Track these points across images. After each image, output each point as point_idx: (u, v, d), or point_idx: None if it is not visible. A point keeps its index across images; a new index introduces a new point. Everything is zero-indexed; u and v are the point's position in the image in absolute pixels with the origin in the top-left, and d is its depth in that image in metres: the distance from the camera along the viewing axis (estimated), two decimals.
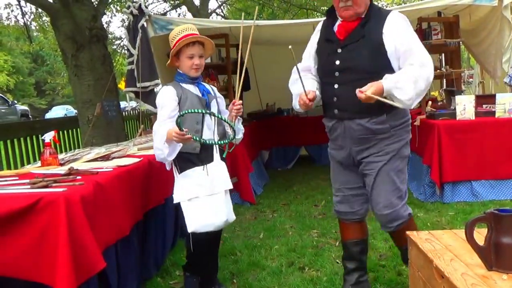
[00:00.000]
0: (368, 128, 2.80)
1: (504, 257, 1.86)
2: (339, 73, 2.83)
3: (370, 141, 2.85)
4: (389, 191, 2.85)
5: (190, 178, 2.97)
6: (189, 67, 3.08)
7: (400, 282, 3.26)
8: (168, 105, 2.97)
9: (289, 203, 5.82)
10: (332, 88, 2.86)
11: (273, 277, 3.55)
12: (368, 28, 2.78)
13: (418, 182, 5.78)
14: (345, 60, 2.81)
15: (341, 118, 2.87)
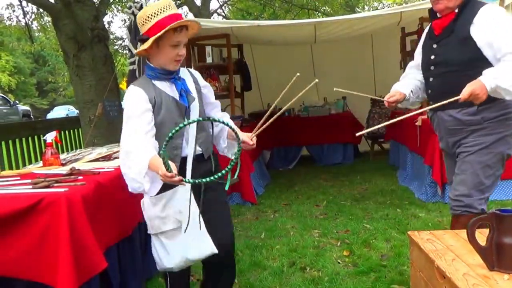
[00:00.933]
0: (459, 119, 2.85)
1: (506, 257, 1.86)
2: (433, 67, 2.95)
3: (462, 132, 2.87)
4: (469, 182, 2.83)
5: (159, 206, 2.37)
6: (171, 59, 2.41)
7: (401, 282, 3.25)
8: (140, 115, 2.32)
9: (291, 203, 5.82)
10: (428, 82, 3.00)
11: (274, 277, 3.55)
12: (459, 22, 2.82)
13: (420, 182, 5.78)
14: (438, 54, 2.91)
15: (435, 109, 2.93)
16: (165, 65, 2.43)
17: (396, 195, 5.81)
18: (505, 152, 2.85)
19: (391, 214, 4.99)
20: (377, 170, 7.45)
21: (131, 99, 2.37)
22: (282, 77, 8.81)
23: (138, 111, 2.32)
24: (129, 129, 2.31)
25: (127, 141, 2.31)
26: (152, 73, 2.45)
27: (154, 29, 2.33)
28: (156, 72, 2.45)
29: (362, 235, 4.33)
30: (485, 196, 2.87)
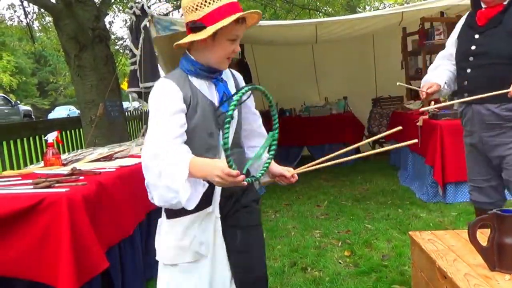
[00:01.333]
0: (497, 114, 2.81)
1: (507, 257, 1.86)
2: (473, 57, 2.88)
3: (500, 128, 2.84)
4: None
5: (179, 233, 1.96)
6: (225, 55, 2.00)
7: (402, 282, 3.26)
8: (173, 115, 1.87)
9: (292, 203, 5.83)
10: (465, 72, 2.93)
11: (275, 277, 3.55)
12: (508, 14, 2.78)
13: (421, 182, 5.79)
14: (481, 45, 2.85)
15: (471, 102, 2.88)
16: (215, 62, 2.00)
17: (397, 195, 5.81)
18: None
19: (392, 214, 5.00)
20: (378, 170, 7.46)
21: (163, 94, 1.91)
22: (283, 77, 8.89)
23: (171, 110, 1.86)
24: (157, 131, 1.84)
25: (155, 144, 1.82)
26: (191, 67, 1.99)
27: (213, 16, 1.90)
28: (197, 68, 2.00)
29: (363, 235, 4.34)
30: None
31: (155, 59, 5.64)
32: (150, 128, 1.88)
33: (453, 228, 4.17)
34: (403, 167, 6.86)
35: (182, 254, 1.96)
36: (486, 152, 2.93)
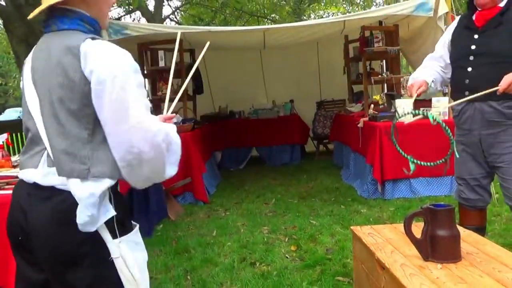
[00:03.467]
0: (500, 111, 2.79)
1: (439, 248, 1.93)
2: (473, 57, 2.85)
3: (500, 125, 2.81)
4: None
5: (139, 246, 1.54)
6: (108, 8, 1.61)
7: (345, 274, 3.29)
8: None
9: (241, 201, 5.81)
10: (465, 71, 2.89)
11: (225, 272, 3.53)
12: (508, 16, 2.78)
13: (362, 180, 5.89)
14: (481, 45, 2.83)
15: (472, 100, 2.85)
16: (102, 18, 1.57)
17: (340, 193, 5.89)
18: None
19: (335, 211, 5.05)
20: (322, 169, 7.54)
21: (126, 56, 1.43)
22: (233, 81, 8.88)
23: (141, 78, 1.46)
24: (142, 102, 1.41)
25: (151, 119, 1.43)
26: (91, 28, 1.51)
27: None
28: (96, 27, 1.53)
29: (309, 231, 4.36)
30: None
31: None
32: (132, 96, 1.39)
33: (391, 222, 4.26)
34: (346, 166, 6.94)
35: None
36: (484, 149, 2.92)
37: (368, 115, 6.01)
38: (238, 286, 3.27)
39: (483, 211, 3.11)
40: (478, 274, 1.79)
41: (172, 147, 1.48)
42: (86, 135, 1.40)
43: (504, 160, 2.82)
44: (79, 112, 1.39)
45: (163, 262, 3.82)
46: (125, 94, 1.36)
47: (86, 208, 1.35)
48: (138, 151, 1.37)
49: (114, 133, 1.38)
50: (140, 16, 14.93)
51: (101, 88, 1.35)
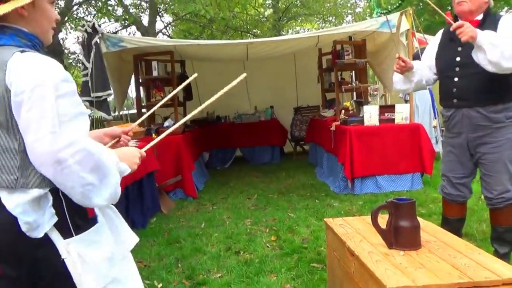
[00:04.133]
0: (486, 115, 2.77)
1: (402, 237, 1.95)
2: (459, 68, 2.83)
3: (486, 129, 2.80)
4: (506, 179, 2.82)
5: (97, 244, 1.40)
6: (51, 22, 1.44)
7: (319, 260, 3.31)
8: (78, 97, 1.33)
9: (227, 197, 5.80)
10: (452, 81, 2.87)
11: (212, 260, 3.52)
12: (485, 27, 2.74)
13: (334, 177, 5.91)
14: (465, 56, 2.79)
15: (460, 106, 2.84)
16: (43, 33, 1.42)
17: (315, 189, 5.91)
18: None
19: (310, 205, 5.07)
20: (299, 168, 7.56)
21: (52, 66, 1.28)
22: (219, 89, 8.82)
23: (73, 87, 1.30)
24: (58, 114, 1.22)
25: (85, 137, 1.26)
26: (29, 42, 1.37)
27: None
28: (35, 41, 1.39)
29: (287, 223, 4.36)
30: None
31: (105, 71, 5.47)
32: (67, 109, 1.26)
33: (359, 214, 4.29)
34: (319, 164, 6.97)
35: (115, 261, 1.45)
36: (471, 150, 2.92)
37: (339, 120, 6.05)
38: (224, 273, 3.26)
39: (464, 204, 3.13)
40: (435, 260, 1.81)
41: (98, 169, 1.26)
42: (16, 146, 1.27)
43: (488, 158, 2.86)
44: (7, 124, 1.26)
45: (156, 251, 3.79)
46: (41, 105, 1.21)
47: (19, 217, 1.26)
48: (39, 164, 1.23)
49: (27, 142, 1.24)
50: (135, 30, 14.80)
51: (19, 99, 1.23)
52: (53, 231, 1.31)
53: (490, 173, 2.87)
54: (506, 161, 2.83)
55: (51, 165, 1.20)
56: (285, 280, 3.06)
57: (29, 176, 1.27)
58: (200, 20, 14.11)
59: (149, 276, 3.27)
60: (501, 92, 2.74)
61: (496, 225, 2.98)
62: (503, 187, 2.84)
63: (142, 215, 4.60)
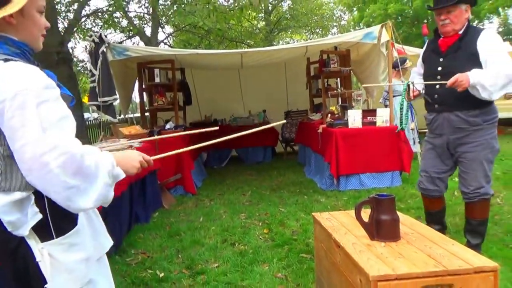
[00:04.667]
0: (464, 119, 2.82)
1: (382, 230, 1.95)
2: (440, 76, 2.87)
3: (465, 131, 2.84)
4: (481, 176, 2.86)
5: (75, 247, 1.31)
6: (40, 30, 1.37)
7: (308, 251, 3.32)
8: (62, 101, 1.25)
9: (223, 193, 5.79)
10: (434, 88, 2.92)
11: (210, 251, 3.51)
12: (465, 42, 2.81)
13: (321, 175, 5.92)
14: (445, 66, 2.86)
15: (441, 111, 2.89)
16: (33, 41, 1.35)
17: (304, 186, 5.91)
18: (497, 147, 2.92)
19: (300, 200, 5.07)
20: (289, 167, 7.56)
21: (32, 74, 1.21)
22: (216, 94, 8.87)
23: (56, 93, 1.23)
24: (62, 120, 1.20)
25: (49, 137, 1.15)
26: (18, 50, 1.29)
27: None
28: (25, 49, 1.32)
29: (278, 217, 4.37)
30: (490, 183, 2.93)
31: (111, 78, 5.45)
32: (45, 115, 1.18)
33: (344, 209, 4.28)
34: (308, 163, 6.97)
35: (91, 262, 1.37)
36: (451, 149, 2.96)
37: (326, 123, 6.06)
38: (221, 263, 3.26)
39: (441, 198, 3.17)
40: (413, 251, 1.82)
41: (82, 173, 1.18)
42: (1, 151, 1.20)
43: (466, 157, 2.90)
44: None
45: (158, 243, 3.78)
46: (22, 112, 1.14)
47: (1, 217, 1.21)
48: (27, 168, 1.15)
49: (13, 149, 1.17)
50: (139, 40, 14.74)
51: (0, 107, 1.16)
52: (31, 235, 1.25)
53: (467, 170, 2.91)
54: (482, 160, 2.87)
55: (36, 169, 1.14)
56: (276, 269, 3.06)
57: (12, 180, 1.21)
58: (199, 31, 14.07)
59: (151, 266, 3.26)
60: (478, 99, 2.77)
61: (470, 218, 3.02)
62: (478, 183, 2.88)
63: (145, 210, 4.58)
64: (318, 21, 19.10)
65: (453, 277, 1.61)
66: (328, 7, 22.66)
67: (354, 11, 24.07)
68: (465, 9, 2.86)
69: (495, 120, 2.91)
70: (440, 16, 2.88)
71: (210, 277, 2.99)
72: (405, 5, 21.13)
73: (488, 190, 2.92)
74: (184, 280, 2.99)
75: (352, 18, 24.17)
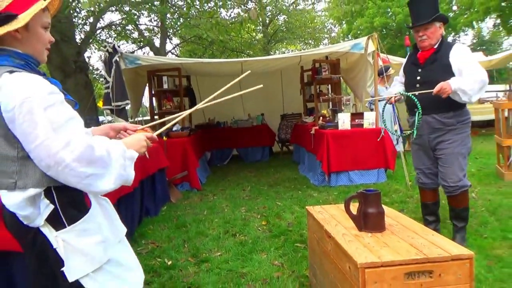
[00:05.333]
0: (440, 120, 2.91)
1: (369, 222, 1.96)
2: (419, 85, 2.95)
3: (442, 131, 2.92)
4: (458, 170, 2.92)
5: (88, 231, 1.31)
6: (45, 44, 1.36)
7: (302, 241, 3.32)
8: (67, 105, 1.26)
9: (225, 188, 5.79)
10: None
11: (213, 241, 3.51)
12: (440, 55, 2.90)
13: (314, 172, 5.92)
14: (423, 76, 2.95)
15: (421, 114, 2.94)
16: (37, 54, 1.34)
17: (298, 182, 5.91)
18: (470, 144, 2.99)
19: (294, 195, 5.07)
20: (285, 165, 7.56)
21: (36, 82, 1.21)
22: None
23: (60, 97, 1.24)
24: (70, 122, 1.21)
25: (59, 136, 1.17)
26: (22, 61, 1.28)
27: (20, 4, 1.27)
28: (30, 60, 1.31)
29: (275, 210, 4.37)
30: (466, 176, 2.98)
31: (124, 84, 5.44)
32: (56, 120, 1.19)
33: (335, 203, 4.29)
34: (302, 162, 6.98)
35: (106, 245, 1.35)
36: (431, 148, 3.03)
37: (318, 125, 6.07)
38: (223, 252, 3.25)
39: (436, 191, 3.21)
40: (397, 240, 1.82)
41: (97, 160, 1.21)
42: (16, 153, 1.22)
43: (444, 153, 2.97)
44: (6, 135, 1.21)
45: (166, 234, 3.77)
46: (32, 117, 1.15)
47: (16, 212, 1.26)
48: (45, 165, 1.18)
49: (29, 150, 1.20)
50: (149, 51, 14.71)
51: (10, 115, 1.17)
52: (45, 225, 1.27)
53: (445, 165, 2.97)
54: (458, 155, 2.94)
55: (54, 166, 1.17)
56: (273, 257, 3.06)
57: (27, 179, 1.23)
58: (203, 42, 14.06)
59: (160, 254, 3.26)
60: (451, 102, 2.86)
61: (453, 207, 3.08)
62: (456, 176, 2.94)
63: (155, 204, 4.57)
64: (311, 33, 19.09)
65: (432, 264, 1.62)
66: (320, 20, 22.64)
67: (343, 24, 24.09)
68: (439, 26, 2.96)
69: (468, 121, 2.99)
70: (418, 33, 2.98)
71: (213, 265, 2.99)
72: (389, 19, 21.14)
73: (465, 182, 2.98)
74: (190, 267, 2.99)
75: (342, 30, 24.18)
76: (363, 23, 20.93)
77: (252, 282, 2.66)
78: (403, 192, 4.79)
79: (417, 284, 1.61)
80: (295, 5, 16.87)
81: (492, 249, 2.92)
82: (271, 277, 2.70)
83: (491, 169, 5.61)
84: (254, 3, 12.21)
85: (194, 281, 2.75)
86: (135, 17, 9.41)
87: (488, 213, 3.75)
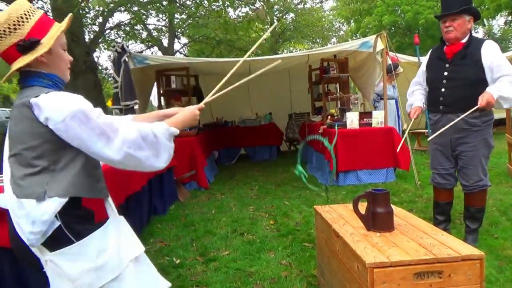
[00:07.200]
0: (467, 121, 2.81)
1: (378, 221, 1.94)
2: (446, 80, 2.88)
3: (467, 131, 2.86)
4: (480, 171, 2.89)
5: (81, 256, 1.33)
6: (67, 63, 1.45)
7: (310, 241, 3.31)
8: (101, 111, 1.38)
9: (233, 187, 5.79)
10: (439, 91, 2.92)
11: (221, 240, 3.52)
12: (470, 50, 2.81)
13: (322, 172, 5.88)
14: (451, 71, 2.86)
15: (445, 112, 2.89)
16: (61, 73, 1.44)
17: (306, 181, 5.87)
18: (492, 145, 2.94)
19: (302, 194, 5.06)
20: (293, 164, 7.46)
21: (77, 98, 1.32)
22: (227, 98, 8.78)
23: (100, 110, 1.36)
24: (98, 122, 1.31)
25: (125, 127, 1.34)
26: (50, 81, 1.39)
27: (40, 29, 1.35)
28: (56, 80, 1.41)
29: (283, 209, 4.36)
30: (487, 176, 2.96)
31: (132, 84, 5.48)
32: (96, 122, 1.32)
33: (343, 202, 4.26)
34: (310, 161, 6.94)
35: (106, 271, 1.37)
36: (453, 148, 2.97)
37: (326, 124, 6.05)
38: (231, 251, 3.26)
39: (451, 191, 3.16)
40: (406, 240, 1.81)
41: (150, 144, 1.36)
42: (47, 165, 1.31)
43: (467, 155, 2.92)
44: (38, 148, 1.30)
45: (174, 233, 3.79)
46: (87, 126, 1.29)
47: (37, 225, 1.29)
48: (112, 161, 1.33)
49: (91, 153, 1.32)
50: (157, 50, 14.80)
51: (61, 126, 1.27)
52: (37, 247, 1.34)
53: (468, 166, 2.93)
54: (481, 157, 2.90)
55: (120, 160, 1.31)
56: (281, 256, 3.06)
57: (55, 189, 1.31)
58: (211, 42, 14.11)
59: (168, 253, 3.27)
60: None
61: (469, 206, 3.04)
62: (478, 177, 2.92)
63: (163, 203, 4.60)
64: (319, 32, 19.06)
65: (442, 264, 1.60)
66: (328, 20, 22.57)
67: (351, 23, 23.95)
68: (468, 20, 2.85)
69: (492, 121, 2.93)
70: (445, 23, 2.87)
71: (221, 264, 3.00)
72: (398, 17, 20.97)
73: (486, 182, 2.95)
74: (198, 266, 3.00)
75: (350, 29, 24.05)
76: (372, 21, 20.79)
77: (260, 281, 2.66)
78: (412, 192, 4.75)
79: (427, 285, 1.59)
80: (304, 3, 16.82)
81: (503, 250, 2.89)
82: (279, 276, 2.70)
83: (502, 168, 5.55)
84: (261, 2, 12.21)
85: (202, 279, 2.76)
86: (143, 17, 9.47)
87: (499, 213, 3.70)
